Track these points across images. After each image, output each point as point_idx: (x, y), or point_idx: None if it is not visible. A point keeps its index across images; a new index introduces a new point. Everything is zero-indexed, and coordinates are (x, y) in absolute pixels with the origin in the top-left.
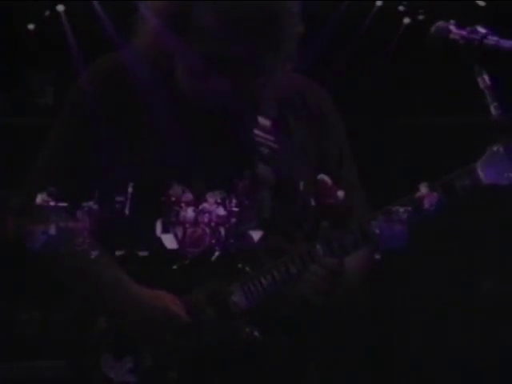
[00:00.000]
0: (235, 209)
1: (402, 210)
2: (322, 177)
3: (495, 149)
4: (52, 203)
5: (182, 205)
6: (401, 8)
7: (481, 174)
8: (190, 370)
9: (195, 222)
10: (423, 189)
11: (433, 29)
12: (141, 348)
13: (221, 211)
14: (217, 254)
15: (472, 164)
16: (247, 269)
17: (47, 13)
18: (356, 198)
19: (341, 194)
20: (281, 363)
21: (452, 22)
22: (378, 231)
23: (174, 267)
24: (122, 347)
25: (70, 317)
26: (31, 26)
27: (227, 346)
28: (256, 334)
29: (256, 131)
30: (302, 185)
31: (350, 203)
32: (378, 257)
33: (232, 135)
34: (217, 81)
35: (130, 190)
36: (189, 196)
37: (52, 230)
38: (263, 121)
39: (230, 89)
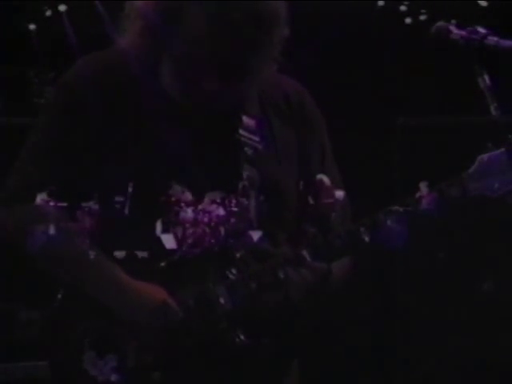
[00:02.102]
0: (235, 209)
1: (401, 209)
2: (321, 177)
3: (486, 159)
4: (52, 203)
5: (182, 205)
6: (402, 8)
7: (470, 184)
8: (174, 370)
9: (195, 222)
10: (423, 188)
11: (433, 29)
12: (125, 347)
13: (220, 211)
14: (203, 254)
15: (462, 174)
16: (233, 271)
17: (48, 13)
18: None
19: (340, 194)
20: (266, 366)
21: (453, 22)
22: (367, 238)
23: (162, 265)
24: (105, 345)
25: (54, 315)
26: (32, 26)
27: (212, 347)
28: (241, 336)
29: (241, 131)
30: (286, 186)
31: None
32: None
33: (220, 135)
34: (203, 78)
35: (129, 190)
36: (188, 196)
37: (52, 230)
38: (247, 120)
39: (217, 89)
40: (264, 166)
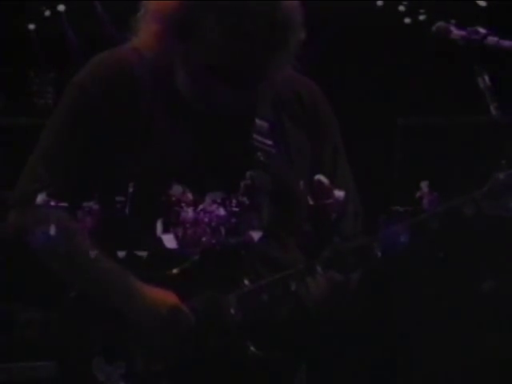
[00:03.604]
0: (235, 209)
1: (401, 210)
2: (319, 177)
3: (501, 177)
4: (53, 203)
5: (183, 205)
6: (401, 8)
7: (484, 203)
8: (183, 380)
9: (195, 223)
10: (424, 188)
11: (433, 29)
12: (134, 354)
13: (221, 211)
14: (215, 262)
15: (476, 192)
16: (246, 281)
17: (47, 13)
18: (350, 201)
19: (340, 194)
20: (276, 377)
21: (452, 22)
22: (379, 254)
23: (175, 271)
24: (115, 351)
25: (63, 318)
26: (31, 26)
27: (221, 358)
28: (252, 348)
29: (254, 135)
30: (298, 190)
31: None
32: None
33: (232, 137)
34: (217, 86)
35: (130, 189)
36: (189, 196)
37: (52, 230)
38: (261, 124)
39: (230, 93)
40: (277, 171)
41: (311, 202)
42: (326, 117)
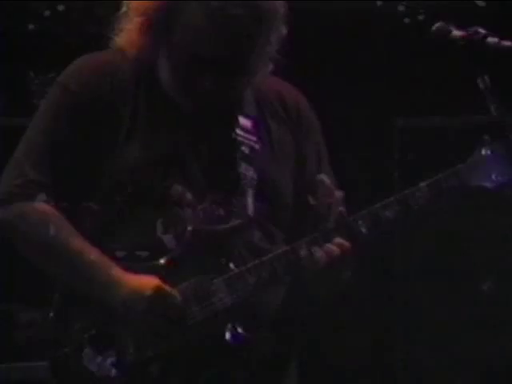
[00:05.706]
0: (235, 209)
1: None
2: (322, 177)
3: (483, 152)
4: (52, 203)
5: (182, 205)
6: (401, 8)
7: (468, 175)
8: (173, 365)
9: (195, 222)
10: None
11: (433, 29)
12: (123, 342)
13: (221, 211)
14: (201, 249)
15: (460, 165)
16: (231, 266)
17: (47, 13)
18: None
19: (340, 194)
20: (264, 360)
21: (452, 22)
22: (364, 230)
23: (162, 261)
24: (104, 341)
25: (53, 314)
26: (31, 26)
27: (210, 342)
28: (239, 330)
29: (238, 130)
30: (282, 185)
31: None
32: None
33: (216, 133)
34: (202, 74)
35: (129, 189)
36: (188, 196)
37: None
38: (244, 120)
39: (215, 89)
40: (261, 165)
41: (312, 202)
42: (308, 120)
